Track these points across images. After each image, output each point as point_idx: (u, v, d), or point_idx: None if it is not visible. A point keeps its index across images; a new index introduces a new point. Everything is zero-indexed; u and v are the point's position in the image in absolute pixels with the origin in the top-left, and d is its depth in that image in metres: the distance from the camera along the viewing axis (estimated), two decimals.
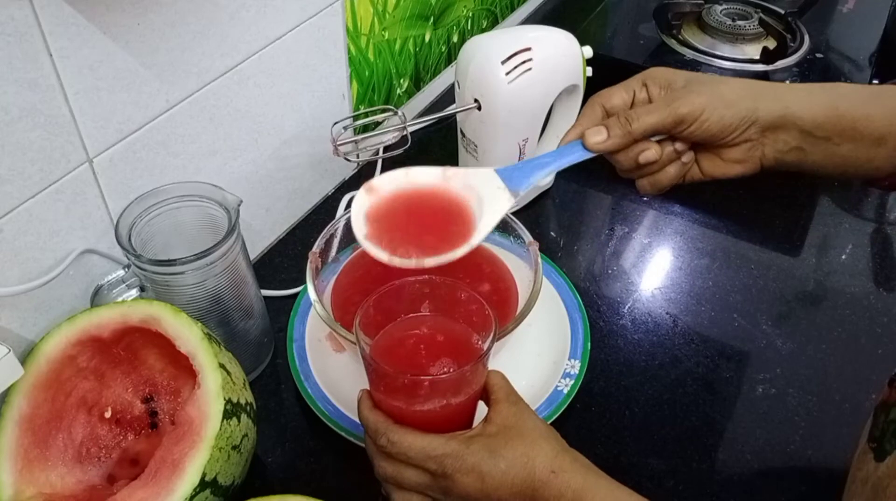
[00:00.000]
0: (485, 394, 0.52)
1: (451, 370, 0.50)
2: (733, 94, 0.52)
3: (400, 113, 0.80)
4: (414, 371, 0.50)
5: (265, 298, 0.70)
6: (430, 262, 0.50)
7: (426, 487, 0.50)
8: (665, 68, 0.56)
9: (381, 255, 0.50)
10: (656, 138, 0.55)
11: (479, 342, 0.52)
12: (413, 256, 0.50)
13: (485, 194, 0.52)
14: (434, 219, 0.52)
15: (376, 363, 0.48)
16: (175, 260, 0.56)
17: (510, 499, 0.48)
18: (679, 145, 0.55)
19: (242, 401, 0.55)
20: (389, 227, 0.51)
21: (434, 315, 0.54)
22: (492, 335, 0.50)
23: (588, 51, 0.78)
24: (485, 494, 0.48)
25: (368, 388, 0.53)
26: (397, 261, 0.50)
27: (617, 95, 0.56)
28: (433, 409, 0.49)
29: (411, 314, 0.54)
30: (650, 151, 0.54)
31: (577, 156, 0.54)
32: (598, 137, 0.53)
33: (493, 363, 0.67)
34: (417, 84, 0.97)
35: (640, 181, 0.58)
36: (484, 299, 0.51)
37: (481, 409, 0.53)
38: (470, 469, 0.48)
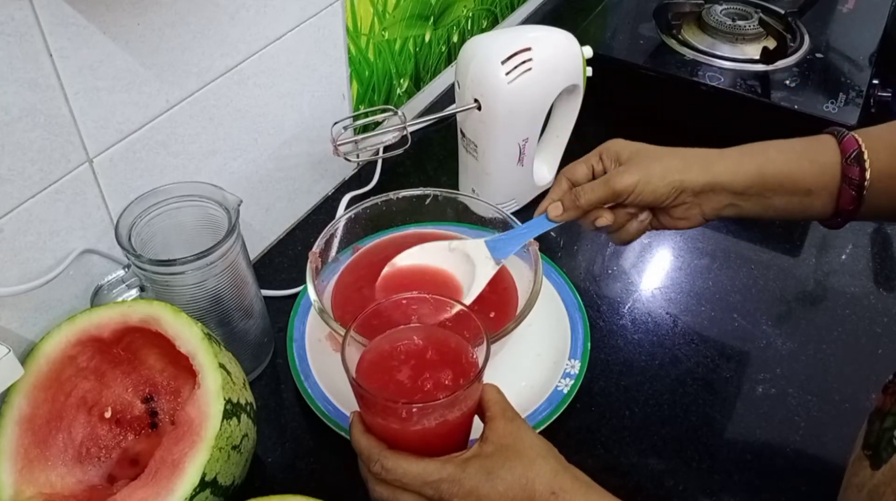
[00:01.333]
0: (480, 409, 0.52)
1: (444, 392, 0.49)
2: (664, 168, 0.59)
3: (400, 113, 0.80)
4: (404, 394, 0.50)
5: (265, 298, 0.70)
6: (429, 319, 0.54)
7: None
8: (619, 141, 0.63)
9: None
10: (608, 205, 0.62)
11: (473, 355, 0.51)
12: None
13: (477, 262, 0.65)
14: (434, 287, 0.64)
15: (364, 390, 0.48)
16: (175, 260, 0.56)
17: None
18: (630, 209, 0.62)
19: (242, 401, 0.55)
20: (402, 289, 0.60)
21: (423, 327, 0.53)
22: (485, 349, 0.50)
23: (588, 51, 0.78)
24: None
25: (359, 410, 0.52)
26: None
27: (579, 170, 0.63)
28: (427, 430, 0.48)
29: (400, 327, 0.53)
30: (602, 219, 0.62)
31: (546, 226, 0.64)
32: (556, 212, 0.62)
33: (493, 363, 0.67)
34: (417, 84, 0.97)
35: (609, 236, 0.65)
36: (483, 300, 0.52)
37: (478, 422, 0.53)
38: (468, 493, 0.47)
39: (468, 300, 0.63)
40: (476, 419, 0.53)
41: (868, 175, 0.56)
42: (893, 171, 0.56)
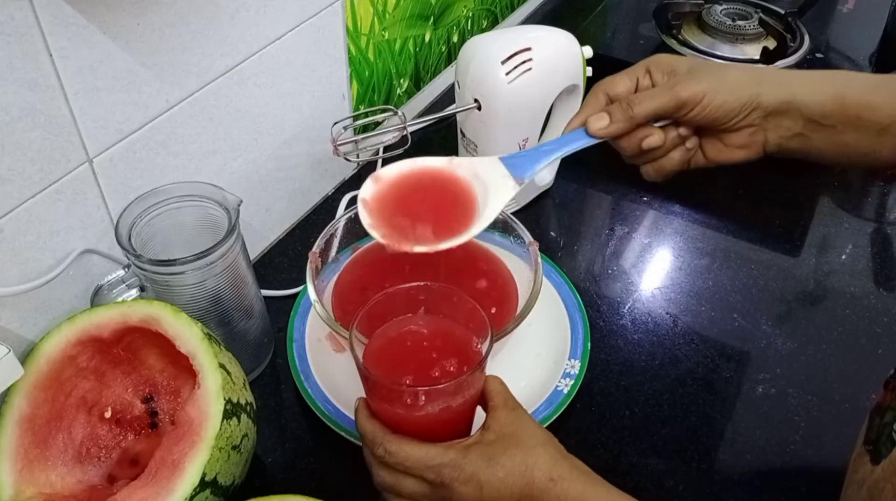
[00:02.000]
0: (483, 400, 0.52)
1: (448, 378, 0.50)
2: (736, 79, 0.53)
3: (400, 113, 0.80)
4: (409, 379, 0.50)
5: (265, 298, 0.70)
6: (428, 247, 0.51)
7: (424, 496, 0.50)
8: (669, 55, 0.57)
9: (382, 241, 0.52)
10: (659, 124, 0.55)
11: (477, 345, 0.52)
12: (414, 242, 0.51)
13: (490, 181, 0.53)
14: (438, 205, 0.53)
15: (371, 373, 0.48)
16: (175, 260, 0.56)
17: None
18: (683, 130, 0.56)
19: (242, 401, 0.55)
20: (394, 213, 0.53)
21: (429, 316, 0.53)
22: (488, 339, 0.50)
23: (588, 51, 0.78)
24: None
25: (365, 396, 0.53)
26: (396, 247, 0.51)
27: (620, 83, 0.57)
28: (430, 416, 0.49)
29: (406, 315, 0.53)
30: (653, 137, 0.55)
31: (582, 142, 0.55)
32: (601, 123, 0.54)
33: (493, 363, 0.67)
34: (417, 84, 0.97)
35: (644, 167, 0.58)
36: (483, 299, 0.52)
37: (480, 413, 0.53)
38: (468, 479, 0.48)
39: (481, 225, 0.52)
40: (479, 411, 0.53)
41: None
42: None
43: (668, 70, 0.56)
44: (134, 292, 0.60)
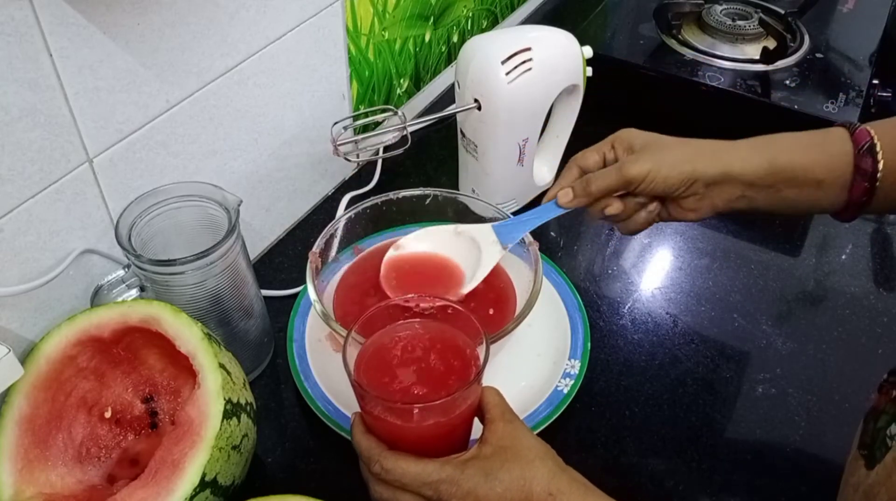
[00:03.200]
0: (479, 411, 0.52)
1: (444, 391, 0.49)
2: (675, 158, 0.59)
3: (400, 113, 0.80)
4: (404, 393, 0.50)
5: (265, 298, 0.70)
6: (428, 303, 0.55)
7: None
8: (631, 130, 0.63)
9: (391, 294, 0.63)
10: (619, 194, 0.62)
11: (474, 355, 0.51)
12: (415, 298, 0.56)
13: (483, 246, 0.65)
14: (436, 272, 0.66)
15: (365, 389, 0.48)
16: (175, 260, 0.56)
17: None
18: (640, 199, 0.62)
19: (242, 401, 0.55)
20: (405, 274, 0.66)
21: (425, 323, 0.53)
22: (484, 350, 0.50)
23: (588, 51, 0.78)
24: None
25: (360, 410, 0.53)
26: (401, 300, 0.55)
27: (591, 157, 0.64)
28: (426, 430, 0.49)
29: (400, 322, 0.53)
30: (612, 207, 0.62)
31: (556, 212, 0.64)
32: (566, 198, 0.62)
33: (493, 364, 0.67)
34: (417, 84, 0.97)
35: (616, 225, 0.66)
36: (481, 300, 0.52)
37: (477, 424, 0.53)
38: (466, 494, 0.47)
39: (472, 285, 0.63)
40: (476, 422, 0.53)
41: (881, 166, 0.56)
42: None
43: (626, 147, 0.62)
44: (134, 292, 0.60)
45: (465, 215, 0.73)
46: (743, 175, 0.58)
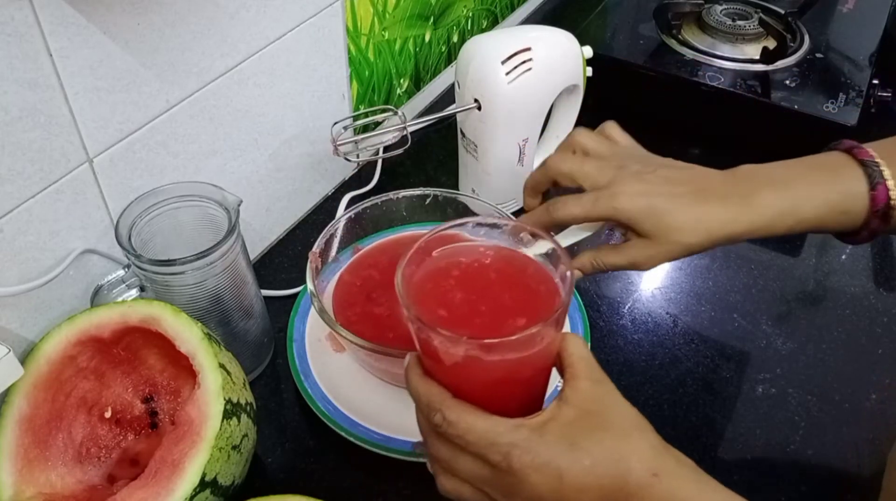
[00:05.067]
0: (559, 364, 0.43)
1: (521, 326, 0.40)
2: (702, 231, 0.52)
3: (400, 113, 0.80)
4: (468, 328, 0.40)
5: (265, 298, 0.70)
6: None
7: (483, 481, 0.41)
8: (627, 207, 0.54)
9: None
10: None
11: (551, 284, 0.42)
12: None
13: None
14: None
15: (422, 322, 0.40)
16: (175, 260, 0.56)
17: None
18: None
19: (242, 401, 0.55)
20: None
21: (491, 246, 0.44)
22: (568, 284, 0.41)
23: (588, 51, 0.78)
24: (561, 497, 0.39)
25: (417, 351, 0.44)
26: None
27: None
28: (496, 375, 0.41)
29: (464, 244, 0.44)
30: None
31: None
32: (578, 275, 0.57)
33: None
34: (417, 84, 0.97)
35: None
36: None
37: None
38: (543, 465, 0.39)
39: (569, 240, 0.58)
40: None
41: (891, 185, 0.52)
42: None
43: (629, 228, 0.55)
44: (134, 292, 0.60)
45: (465, 215, 0.73)
46: (764, 232, 0.53)
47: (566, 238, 0.60)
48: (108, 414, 0.58)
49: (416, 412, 0.45)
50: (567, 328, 0.70)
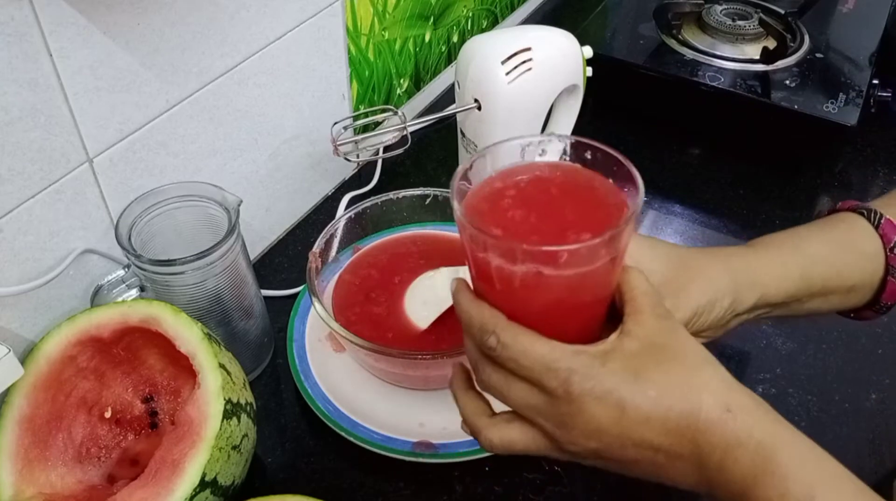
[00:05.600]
0: (620, 298, 0.40)
1: (585, 240, 0.37)
2: (714, 291, 0.47)
3: (400, 113, 0.80)
4: (531, 239, 0.37)
5: (265, 298, 0.70)
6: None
7: (538, 411, 0.38)
8: (642, 272, 0.43)
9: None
10: None
11: (617, 196, 0.39)
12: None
13: None
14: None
15: (480, 231, 0.37)
16: (175, 260, 0.56)
17: (659, 442, 0.36)
18: None
19: (242, 401, 0.55)
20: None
21: (554, 164, 0.42)
22: (639, 193, 0.38)
23: (588, 51, 0.78)
24: (622, 430, 0.36)
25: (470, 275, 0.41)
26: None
27: None
28: (555, 293, 0.38)
29: (519, 162, 0.42)
30: None
31: None
32: None
33: None
34: (417, 84, 0.97)
35: None
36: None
37: None
38: (605, 393, 0.36)
39: None
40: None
41: None
42: None
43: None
44: (134, 292, 0.60)
45: None
46: (775, 297, 0.49)
47: None
48: (108, 414, 0.58)
49: (465, 340, 0.42)
50: None
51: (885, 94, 0.94)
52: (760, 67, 0.93)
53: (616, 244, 0.37)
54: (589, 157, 0.42)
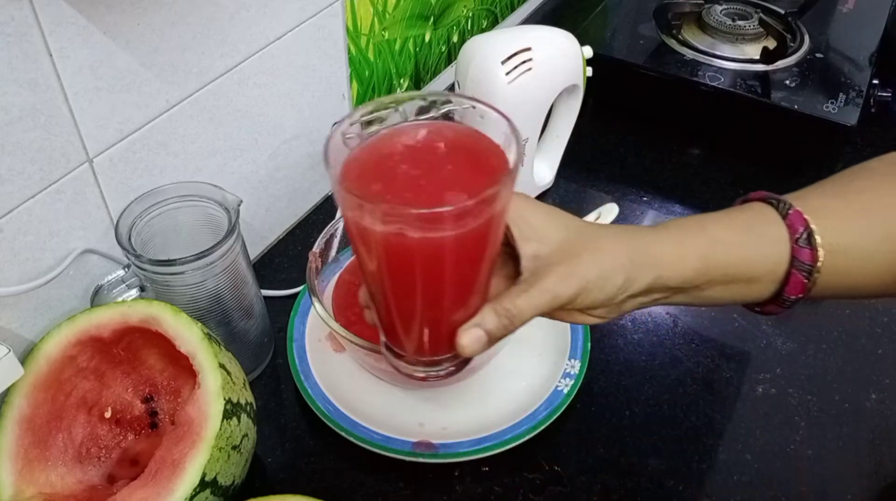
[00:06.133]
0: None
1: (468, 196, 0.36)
2: (606, 265, 0.46)
3: (401, 109, 0.80)
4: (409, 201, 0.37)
5: (265, 298, 0.70)
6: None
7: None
8: (531, 222, 0.46)
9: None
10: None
11: (497, 157, 0.39)
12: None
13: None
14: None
15: (347, 193, 0.36)
16: (175, 260, 0.56)
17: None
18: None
19: (242, 401, 0.55)
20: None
21: (430, 123, 0.41)
22: (515, 152, 0.38)
23: (588, 51, 0.78)
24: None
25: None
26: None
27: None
28: (454, 259, 0.38)
29: (402, 124, 0.41)
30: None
31: None
32: (477, 346, 0.45)
33: (493, 364, 0.67)
34: (417, 84, 0.97)
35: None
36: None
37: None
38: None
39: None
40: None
41: (821, 256, 0.47)
42: (845, 245, 0.48)
43: (532, 253, 0.47)
44: (134, 292, 0.60)
45: None
46: (672, 280, 0.47)
47: None
48: (108, 414, 0.58)
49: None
50: (567, 327, 0.70)
51: (885, 94, 0.94)
52: (760, 67, 0.93)
53: (497, 202, 0.37)
54: (475, 115, 0.41)
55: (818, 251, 0.47)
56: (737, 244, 0.49)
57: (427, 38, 0.94)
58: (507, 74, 0.72)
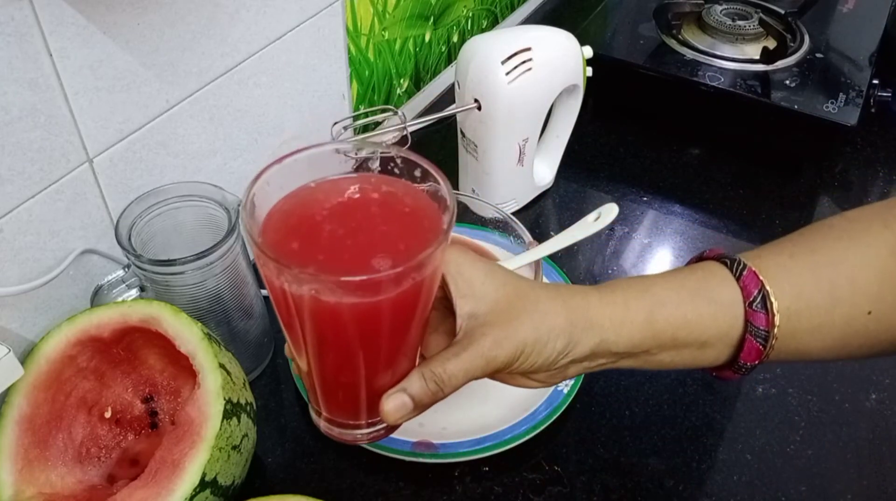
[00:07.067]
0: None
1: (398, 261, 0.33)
2: (546, 328, 0.43)
3: (400, 113, 0.80)
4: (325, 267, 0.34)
5: (265, 298, 0.70)
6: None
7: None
8: (469, 280, 0.43)
9: None
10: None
11: (432, 218, 0.37)
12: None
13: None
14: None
15: (266, 256, 0.33)
16: (175, 260, 0.56)
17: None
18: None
19: (242, 401, 0.55)
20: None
21: (363, 176, 0.37)
22: (449, 216, 0.36)
23: (588, 51, 0.78)
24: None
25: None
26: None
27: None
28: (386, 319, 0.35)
29: (329, 178, 0.37)
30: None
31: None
32: (404, 411, 0.42)
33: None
34: (417, 84, 0.97)
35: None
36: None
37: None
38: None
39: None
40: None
41: (777, 321, 0.44)
42: (802, 308, 0.45)
43: (469, 312, 0.43)
44: (134, 292, 0.60)
45: (465, 214, 0.73)
46: (617, 344, 0.45)
47: (564, 240, 0.60)
48: (108, 414, 0.58)
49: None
50: None
51: (885, 94, 0.94)
52: (760, 67, 0.93)
53: (426, 267, 0.35)
54: (413, 171, 0.39)
55: (774, 316, 0.44)
56: (684, 306, 0.45)
57: (427, 38, 0.94)
58: (507, 73, 0.72)
